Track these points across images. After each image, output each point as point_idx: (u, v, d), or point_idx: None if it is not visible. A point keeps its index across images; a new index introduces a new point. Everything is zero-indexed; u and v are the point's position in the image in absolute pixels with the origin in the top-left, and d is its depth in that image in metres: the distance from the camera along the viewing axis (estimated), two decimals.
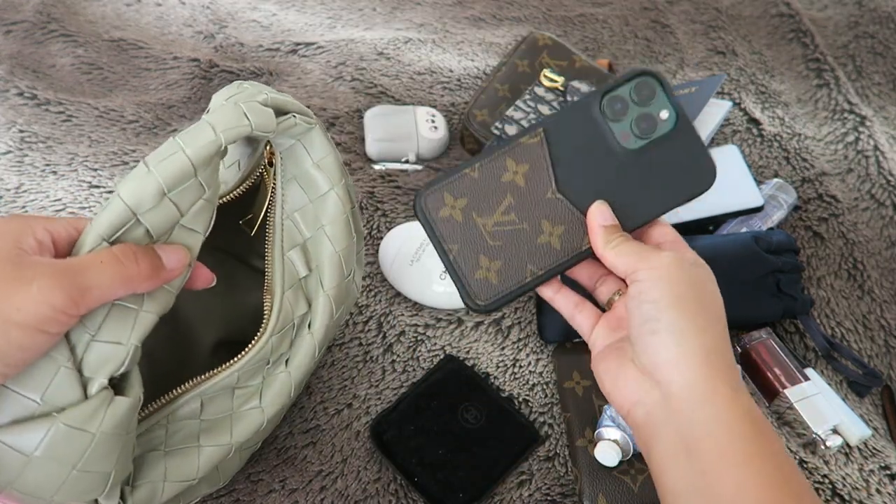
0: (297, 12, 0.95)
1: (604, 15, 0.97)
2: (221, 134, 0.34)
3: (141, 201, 0.32)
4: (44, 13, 0.86)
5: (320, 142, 0.42)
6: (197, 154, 0.33)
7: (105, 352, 0.31)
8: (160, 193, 0.32)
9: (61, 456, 0.30)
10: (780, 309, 0.60)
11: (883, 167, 0.77)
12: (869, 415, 0.59)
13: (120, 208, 0.32)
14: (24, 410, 0.30)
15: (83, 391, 0.31)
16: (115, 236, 0.32)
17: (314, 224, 0.44)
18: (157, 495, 0.38)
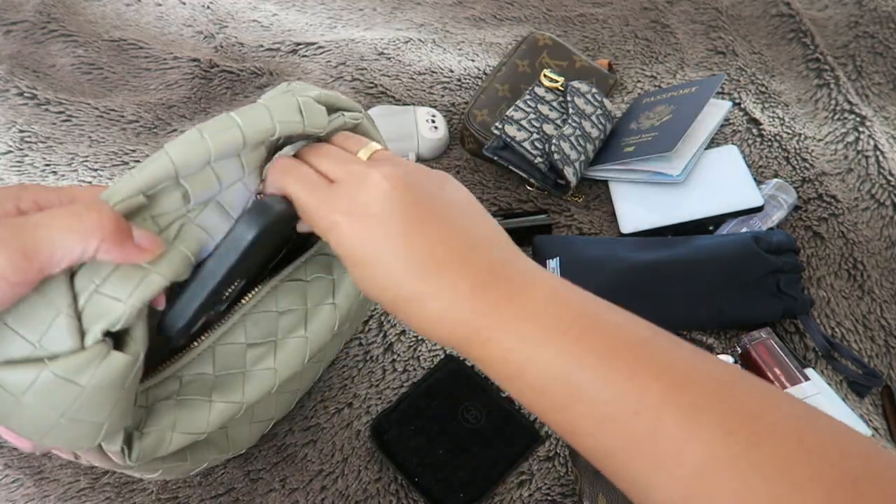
0: (297, 12, 0.95)
1: (604, 15, 0.97)
2: (277, 124, 0.34)
3: (187, 164, 0.32)
4: (44, 13, 0.86)
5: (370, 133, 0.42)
6: (252, 134, 0.33)
7: (104, 305, 0.30)
8: (206, 161, 0.32)
9: (49, 402, 0.30)
10: (780, 309, 0.60)
11: (883, 167, 0.77)
12: (869, 415, 0.59)
13: (165, 164, 0.31)
14: (19, 351, 0.29)
15: (80, 341, 0.30)
16: (153, 192, 0.31)
17: None
18: (165, 444, 0.38)
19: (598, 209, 0.73)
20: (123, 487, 0.51)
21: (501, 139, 0.69)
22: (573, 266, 0.63)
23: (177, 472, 0.44)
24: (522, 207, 0.72)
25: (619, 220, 0.71)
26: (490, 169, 0.76)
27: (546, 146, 0.69)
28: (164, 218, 0.32)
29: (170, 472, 0.43)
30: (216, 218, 0.34)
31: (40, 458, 0.52)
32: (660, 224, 0.69)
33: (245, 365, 0.42)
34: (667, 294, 0.60)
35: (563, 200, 0.73)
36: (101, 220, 0.29)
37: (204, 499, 0.51)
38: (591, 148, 0.73)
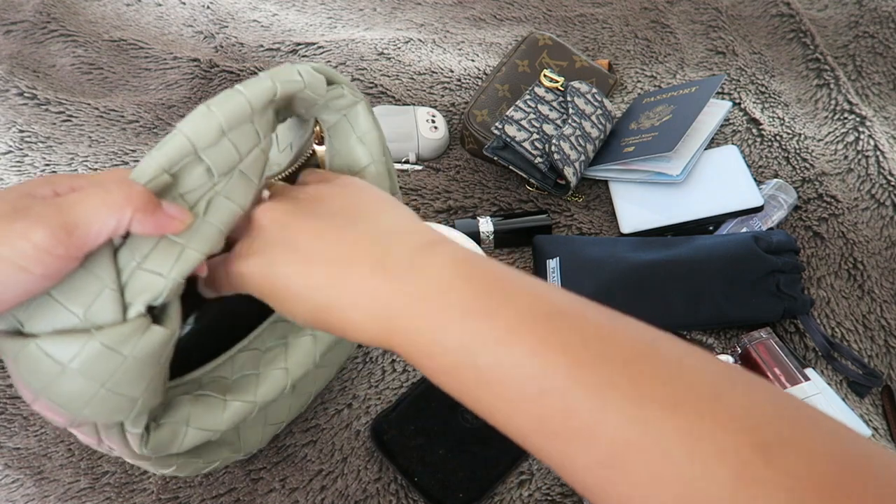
0: (297, 12, 0.95)
1: (604, 15, 0.97)
2: (279, 84, 0.35)
3: (201, 137, 0.32)
4: (44, 13, 0.86)
5: (365, 117, 0.43)
6: (255, 98, 0.34)
7: (147, 280, 0.32)
8: (220, 131, 0.33)
9: (92, 372, 0.31)
10: (780, 309, 0.60)
11: (883, 167, 0.77)
12: (869, 415, 0.59)
13: (181, 141, 0.32)
14: (65, 322, 0.31)
15: (123, 314, 0.32)
16: (175, 169, 0.32)
17: None
18: (179, 438, 0.39)
19: (598, 209, 0.73)
20: (123, 488, 0.51)
21: (501, 139, 0.69)
22: (573, 266, 0.63)
23: (190, 469, 0.44)
24: (522, 207, 0.72)
25: (619, 220, 0.71)
26: (490, 169, 0.76)
27: (546, 146, 0.69)
28: (192, 194, 0.33)
29: (183, 468, 0.43)
30: (241, 186, 0.35)
31: (40, 459, 0.52)
32: (660, 224, 0.69)
33: (258, 366, 0.43)
34: (667, 294, 0.60)
35: (563, 200, 0.73)
36: (130, 193, 0.30)
37: (205, 498, 0.51)
38: (591, 148, 0.73)
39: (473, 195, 0.73)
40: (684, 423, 0.25)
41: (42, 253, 0.28)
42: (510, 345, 0.28)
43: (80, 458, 0.52)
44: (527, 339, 0.28)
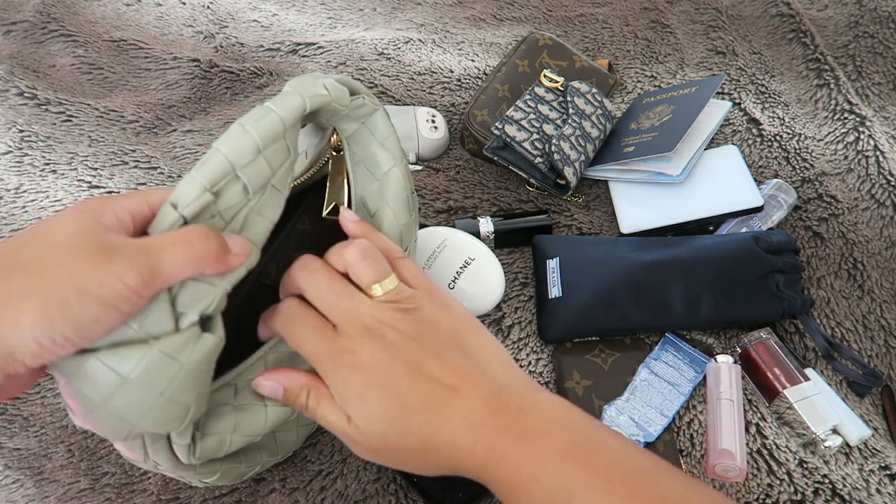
0: (297, 12, 0.95)
1: (604, 15, 0.97)
2: (307, 99, 0.37)
3: (240, 156, 0.34)
4: (44, 13, 0.86)
5: (384, 123, 0.44)
6: (287, 115, 0.36)
7: (198, 290, 0.33)
8: (256, 150, 0.34)
9: (152, 381, 0.32)
10: (780, 309, 0.60)
11: (883, 167, 0.77)
12: (869, 415, 0.59)
13: (220, 161, 0.33)
14: (123, 335, 0.32)
15: (175, 324, 0.33)
16: (217, 188, 0.34)
17: (379, 201, 0.45)
18: (225, 446, 0.40)
19: (598, 209, 0.73)
20: (123, 488, 0.51)
21: (501, 139, 0.69)
22: (573, 266, 0.63)
23: (232, 476, 0.45)
24: (522, 207, 0.72)
25: (619, 220, 0.71)
26: (490, 169, 0.76)
27: (546, 146, 0.69)
28: (229, 211, 0.35)
29: (227, 474, 0.44)
30: (272, 201, 0.37)
31: (41, 459, 0.52)
32: (660, 224, 0.69)
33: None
34: (667, 294, 0.60)
35: (563, 200, 0.73)
36: (210, 248, 0.33)
37: (206, 499, 0.51)
38: (591, 148, 0.73)
39: (473, 195, 0.73)
40: None
41: (133, 294, 0.30)
42: (607, 491, 0.33)
43: (81, 459, 0.52)
44: (622, 487, 0.33)
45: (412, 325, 0.38)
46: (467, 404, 0.36)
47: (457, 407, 0.36)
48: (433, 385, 0.36)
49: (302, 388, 0.39)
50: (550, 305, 0.62)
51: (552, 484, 0.34)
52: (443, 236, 0.64)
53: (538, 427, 0.36)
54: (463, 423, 0.36)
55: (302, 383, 0.39)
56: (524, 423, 0.36)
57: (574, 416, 0.37)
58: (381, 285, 0.39)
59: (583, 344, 0.60)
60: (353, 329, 0.37)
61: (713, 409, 0.56)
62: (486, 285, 0.62)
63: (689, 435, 0.56)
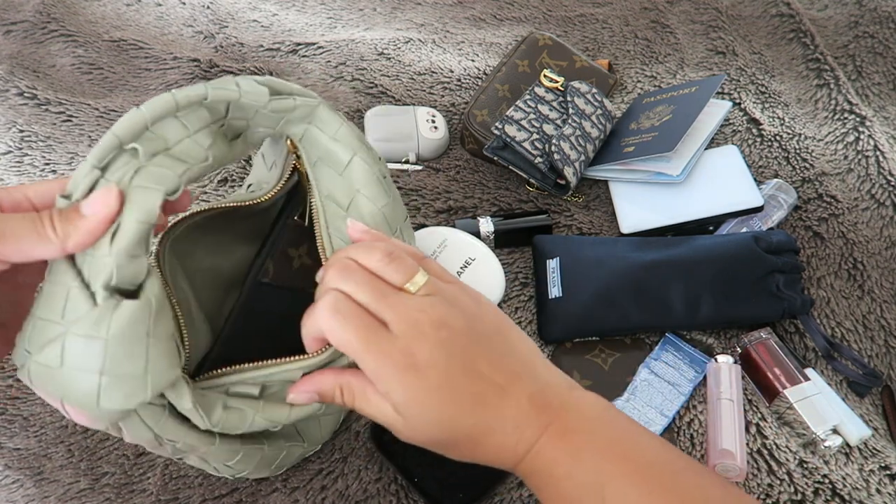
0: (297, 12, 0.95)
1: (604, 15, 0.97)
2: (211, 90, 0.38)
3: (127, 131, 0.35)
4: (44, 13, 0.86)
5: (329, 117, 0.44)
6: (182, 97, 0.37)
7: (97, 265, 0.33)
8: (144, 125, 0.35)
9: (82, 364, 0.33)
10: (780, 309, 0.60)
11: (883, 167, 0.77)
12: (869, 415, 0.59)
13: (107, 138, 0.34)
14: (52, 334, 0.33)
15: (94, 303, 0.33)
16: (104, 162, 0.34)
17: (350, 193, 0.45)
18: (247, 422, 0.40)
19: (598, 209, 0.73)
20: (123, 488, 0.51)
21: (501, 139, 0.69)
22: (573, 266, 0.63)
23: (255, 461, 0.44)
24: (522, 207, 0.72)
25: (619, 220, 0.71)
26: (490, 169, 0.76)
27: (546, 146, 0.69)
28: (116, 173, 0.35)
29: (250, 457, 0.44)
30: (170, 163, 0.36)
31: (40, 459, 0.52)
32: (660, 224, 0.69)
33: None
34: (667, 294, 0.60)
35: (563, 200, 0.73)
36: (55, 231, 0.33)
37: (206, 499, 0.51)
38: (591, 148, 0.73)
39: (473, 195, 0.73)
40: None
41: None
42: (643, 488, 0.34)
43: (80, 459, 0.52)
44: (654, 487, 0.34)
45: (460, 318, 0.37)
46: (516, 404, 0.36)
47: (506, 406, 0.36)
48: (486, 385, 0.36)
49: (334, 387, 0.39)
50: (550, 305, 0.62)
51: (587, 479, 0.34)
52: (443, 236, 0.64)
53: (578, 424, 0.36)
54: (511, 423, 0.36)
55: (332, 383, 0.39)
56: (565, 420, 0.36)
57: (612, 414, 0.37)
58: (413, 283, 0.38)
59: (583, 344, 0.60)
60: (405, 327, 0.36)
61: (713, 409, 0.56)
62: (486, 285, 0.62)
63: (690, 435, 0.56)
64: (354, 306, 0.37)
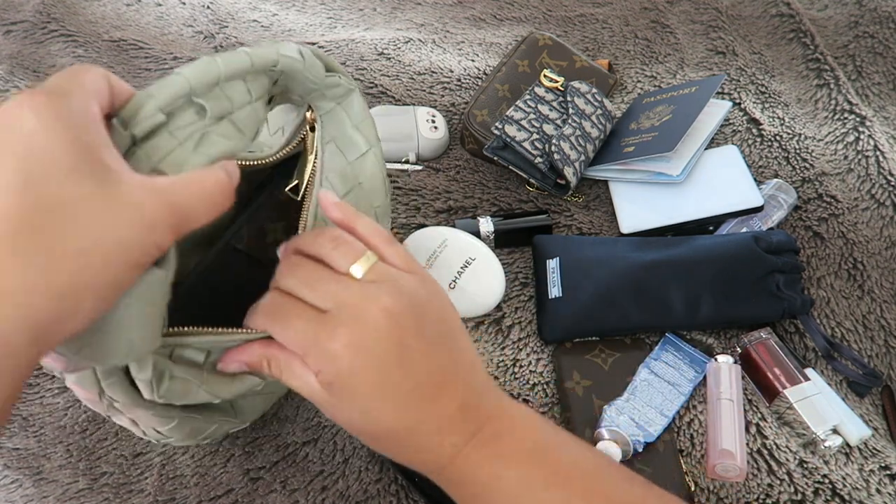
0: (297, 12, 0.95)
1: (604, 15, 0.97)
2: (281, 56, 0.37)
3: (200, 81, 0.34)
4: (44, 13, 0.86)
5: (359, 105, 0.44)
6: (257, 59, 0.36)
7: None
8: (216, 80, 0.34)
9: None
10: (780, 309, 0.60)
11: (883, 167, 0.77)
12: (869, 415, 0.59)
13: (179, 82, 0.33)
14: None
15: None
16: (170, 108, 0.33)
17: (350, 182, 0.45)
18: (192, 393, 0.39)
19: (598, 209, 0.73)
20: (122, 488, 0.51)
21: (501, 139, 0.69)
22: (573, 266, 0.63)
23: (186, 431, 0.44)
24: (522, 207, 0.72)
25: (619, 220, 0.71)
26: (490, 169, 0.76)
27: (546, 146, 0.69)
28: (182, 131, 0.34)
29: (182, 426, 0.43)
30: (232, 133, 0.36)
31: (39, 459, 0.52)
32: (660, 224, 0.69)
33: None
34: (667, 294, 0.60)
35: (563, 200, 0.73)
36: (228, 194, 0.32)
37: (203, 500, 0.51)
38: (591, 148, 0.73)
39: (473, 195, 0.73)
40: None
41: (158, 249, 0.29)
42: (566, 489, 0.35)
43: (79, 459, 0.52)
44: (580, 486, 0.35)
45: (405, 309, 0.36)
46: (445, 407, 0.36)
47: (435, 409, 0.36)
48: (418, 384, 0.36)
49: (261, 359, 0.38)
50: (550, 305, 0.61)
51: (513, 483, 0.35)
52: (443, 236, 0.64)
53: (504, 430, 0.37)
54: (436, 425, 0.36)
55: (259, 354, 0.38)
56: (493, 428, 0.36)
57: (541, 423, 0.38)
58: (359, 265, 0.37)
59: (583, 344, 0.60)
60: (342, 313, 0.35)
61: (713, 409, 0.56)
62: (486, 285, 0.62)
63: (689, 435, 0.56)
64: (293, 303, 0.37)
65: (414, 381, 0.36)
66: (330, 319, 0.35)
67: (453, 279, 0.61)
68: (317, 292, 0.36)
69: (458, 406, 0.36)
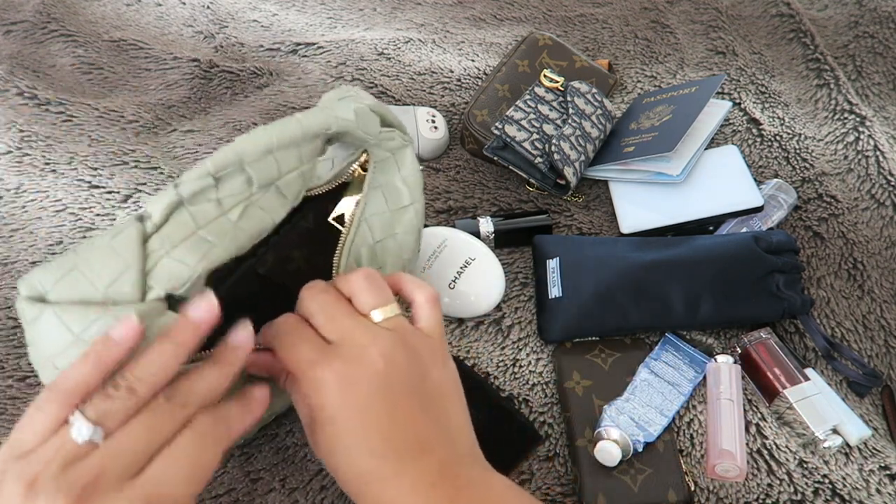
0: (297, 12, 0.95)
1: (604, 15, 0.97)
2: (334, 120, 0.39)
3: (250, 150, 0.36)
4: (44, 13, 0.86)
5: (411, 160, 0.46)
6: (308, 128, 0.37)
7: (173, 268, 0.34)
8: (268, 149, 0.36)
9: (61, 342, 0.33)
10: (780, 309, 0.60)
11: (883, 167, 0.77)
12: (869, 415, 0.59)
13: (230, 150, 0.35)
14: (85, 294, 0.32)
15: (142, 296, 0.33)
16: (220, 174, 0.35)
17: (387, 230, 0.46)
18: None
19: (598, 209, 0.73)
20: None
21: (501, 139, 0.69)
22: (573, 266, 0.63)
23: None
24: (522, 207, 0.72)
25: (619, 220, 0.71)
26: (490, 169, 0.76)
27: (546, 146, 0.69)
28: (228, 200, 0.36)
29: None
30: (275, 201, 0.38)
31: None
32: (660, 224, 0.69)
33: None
34: (667, 294, 0.60)
35: (563, 200, 0.73)
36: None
37: (204, 499, 0.51)
38: (591, 148, 0.73)
39: (473, 195, 0.73)
40: None
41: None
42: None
43: None
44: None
45: (406, 363, 0.37)
46: (424, 467, 0.36)
47: (413, 466, 0.36)
48: (402, 438, 0.36)
49: (281, 371, 0.39)
50: (550, 305, 0.62)
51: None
52: (443, 236, 0.64)
53: (479, 500, 0.36)
54: (410, 483, 0.35)
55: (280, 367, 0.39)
56: (468, 495, 0.36)
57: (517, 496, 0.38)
58: (381, 311, 0.38)
59: (583, 344, 0.60)
60: (346, 348, 0.36)
61: (713, 409, 0.56)
62: (486, 285, 0.62)
63: (689, 435, 0.56)
64: (304, 328, 0.38)
65: (396, 433, 0.36)
66: (332, 350, 0.36)
67: (453, 279, 0.61)
68: (330, 323, 0.38)
69: (436, 469, 0.36)
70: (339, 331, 0.37)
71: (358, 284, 0.39)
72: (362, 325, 0.37)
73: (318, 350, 0.37)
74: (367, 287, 0.39)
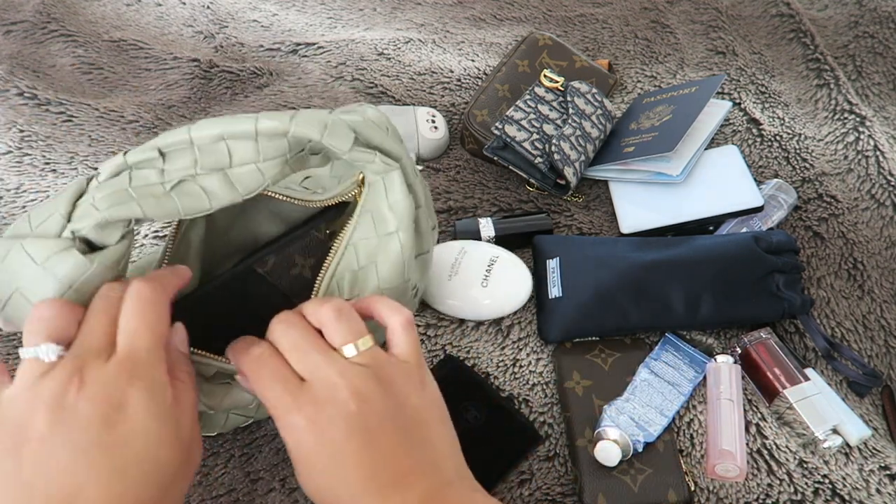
0: (297, 12, 0.95)
1: (604, 15, 0.97)
2: (293, 125, 0.39)
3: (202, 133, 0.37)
4: (44, 13, 0.86)
5: (399, 186, 0.45)
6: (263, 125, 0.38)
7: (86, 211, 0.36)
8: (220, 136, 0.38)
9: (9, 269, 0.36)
10: (780, 309, 0.60)
11: (883, 167, 0.77)
12: (869, 415, 0.59)
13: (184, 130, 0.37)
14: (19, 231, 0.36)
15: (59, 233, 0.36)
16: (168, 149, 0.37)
17: (370, 257, 0.45)
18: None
19: (598, 209, 0.73)
20: None
21: (501, 139, 0.69)
22: (573, 266, 0.63)
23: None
24: (522, 207, 0.72)
25: (619, 220, 0.71)
26: (490, 169, 0.76)
27: (546, 146, 0.69)
28: (173, 173, 0.37)
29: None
30: (221, 187, 0.38)
31: None
32: (660, 224, 0.69)
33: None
34: (667, 294, 0.60)
35: (563, 200, 0.73)
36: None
37: (204, 499, 0.51)
38: (591, 148, 0.73)
39: (473, 195, 0.73)
40: None
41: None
42: None
43: None
44: None
45: (380, 398, 0.36)
46: (407, 496, 0.35)
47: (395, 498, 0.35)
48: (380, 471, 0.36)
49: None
50: (550, 305, 0.62)
51: None
52: (459, 246, 0.64)
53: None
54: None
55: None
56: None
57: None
58: (354, 345, 0.38)
59: (583, 344, 0.60)
60: (319, 385, 0.36)
61: (713, 409, 0.56)
62: (516, 277, 0.62)
63: (689, 435, 0.56)
64: (277, 363, 0.37)
65: (376, 471, 0.35)
66: (304, 392, 0.36)
67: (483, 278, 0.61)
68: (302, 362, 0.37)
69: (422, 499, 0.35)
70: (309, 370, 0.37)
71: (328, 318, 0.38)
72: (333, 362, 0.37)
73: (291, 392, 0.36)
74: (337, 321, 0.38)
